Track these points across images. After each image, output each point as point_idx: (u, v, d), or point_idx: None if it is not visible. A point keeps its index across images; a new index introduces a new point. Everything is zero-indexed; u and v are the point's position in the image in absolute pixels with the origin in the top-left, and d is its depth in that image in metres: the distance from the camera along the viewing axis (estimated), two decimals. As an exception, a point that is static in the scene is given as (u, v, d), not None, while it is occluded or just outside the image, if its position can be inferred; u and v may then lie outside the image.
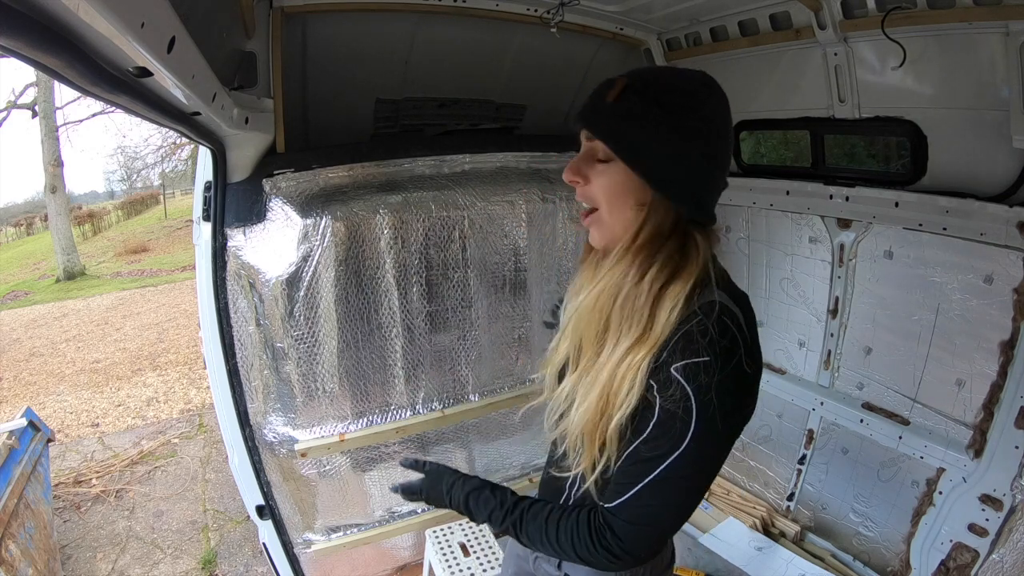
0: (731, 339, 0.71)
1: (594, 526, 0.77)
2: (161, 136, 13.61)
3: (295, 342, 1.74)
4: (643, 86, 0.74)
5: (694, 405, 0.69)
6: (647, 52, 2.23)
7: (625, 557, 0.76)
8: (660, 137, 0.73)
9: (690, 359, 0.69)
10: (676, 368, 0.70)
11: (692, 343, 0.70)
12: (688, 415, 0.69)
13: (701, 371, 0.69)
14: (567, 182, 0.81)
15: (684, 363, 0.69)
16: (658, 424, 0.71)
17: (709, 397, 0.69)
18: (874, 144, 2.21)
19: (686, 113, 0.73)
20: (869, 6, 1.55)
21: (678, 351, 0.70)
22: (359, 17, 1.72)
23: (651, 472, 0.72)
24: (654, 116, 0.72)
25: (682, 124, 0.73)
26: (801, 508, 2.23)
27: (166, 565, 2.67)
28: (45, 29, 0.57)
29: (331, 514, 1.97)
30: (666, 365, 0.70)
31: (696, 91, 0.75)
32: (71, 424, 4.25)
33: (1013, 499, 1.58)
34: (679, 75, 0.77)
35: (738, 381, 0.72)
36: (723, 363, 0.69)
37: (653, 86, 0.75)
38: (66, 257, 10.09)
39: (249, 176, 1.61)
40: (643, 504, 0.73)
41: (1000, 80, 1.42)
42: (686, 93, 0.74)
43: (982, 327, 1.62)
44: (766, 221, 2.21)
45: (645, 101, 0.73)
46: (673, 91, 0.74)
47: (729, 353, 0.70)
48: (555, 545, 0.80)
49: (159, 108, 0.95)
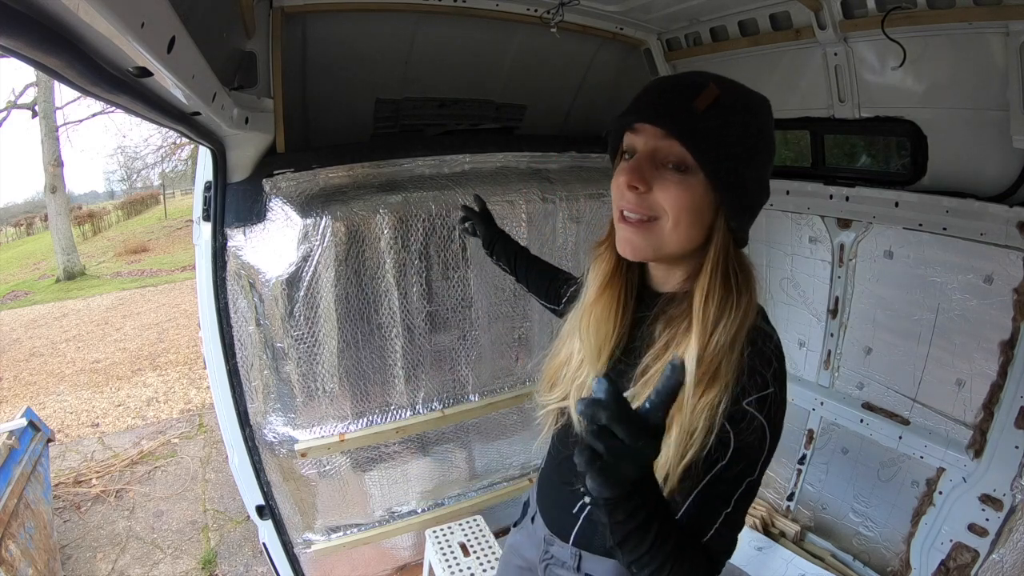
0: (779, 362, 0.72)
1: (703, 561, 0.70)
2: (161, 136, 13.63)
3: (295, 342, 1.74)
4: (733, 100, 0.71)
5: (767, 432, 0.70)
6: (647, 52, 2.23)
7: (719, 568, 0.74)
8: (749, 157, 0.71)
9: (759, 393, 0.70)
10: (749, 403, 0.70)
11: (757, 376, 0.70)
12: (762, 443, 0.71)
13: (769, 402, 0.70)
14: (626, 187, 0.73)
15: (756, 397, 0.70)
16: (735, 456, 0.71)
17: (777, 420, 0.72)
18: (874, 144, 2.21)
19: (765, 137, 0.73)
20: (869, 6, 1.55)
21: (747, 387, 0.70)
22: (359, 17, 1.72)
23: (730, 502, 0.72)
24: (747, 136, 0.71)
25: (766, 147, 0.73)
26: (801, 508, 2.23)
27: (166, 565, 2.67)
28: (45, 29, 0.57)
29: (331, 514, 1.97)
30: (737, 403, 0.70)
31: (766, 114, 0.74)
32: (71, 424, 4.25)
33: (1013, 499, 1.58)
34: (752, 94, 0.74)
35: (786, 397, 0.74)
36: (782, 389, 0.72)
37: (743, 102, 0.72)
38: (66, 257, 10.09)
39: (249, 176, 1.61)
40: (725, 533, 0.72)
41: (1000, 80, 1.42)
42: (762, 114, 0.73)
43: (982, 327, 1.62)
44: (766, 221, 2.21)
45: (738, 117, 0.70)
46: (759, 112, 0.73)
47: (782, 379, 0.72)
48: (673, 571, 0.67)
49: (159, 108, 0.95)
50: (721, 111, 0.69)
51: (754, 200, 0.75)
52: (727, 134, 0.69)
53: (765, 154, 0.74)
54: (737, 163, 0.70)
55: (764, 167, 0.74)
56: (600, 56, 2.16)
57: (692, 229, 0.72)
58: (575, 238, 2.11)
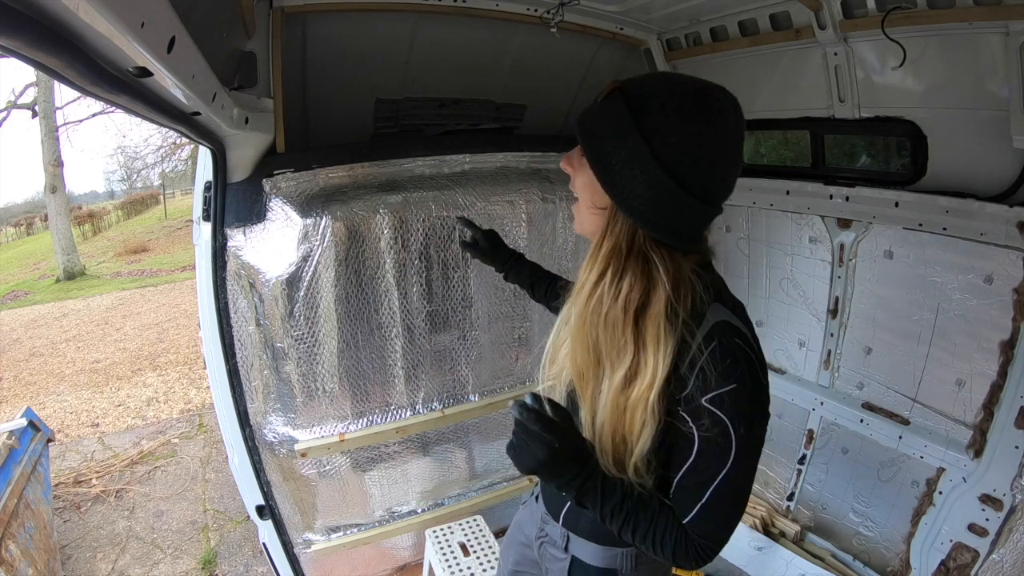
0: (746, 359, 0.72)
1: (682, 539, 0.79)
2: (161, 136, 13.62)
3: (295, 342, 1.74)
4: (633, 92, 0.71)
5: (731, 428, 0.71)
6: (647, 52, 2.23)
7: (707, 559, 0.80)
8: (628, 148, 0.70)
9: (716, 391, 0.71)
10: (706, 401, 0.71)
11: (713, 374, 0.71)
12: (727, 439, 0.72)
13: (728, 398, 0.71)
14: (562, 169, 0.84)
15: (713, 395, 0.71)
16: (700, 452, 0.74)
17: (740, 418, 0.72)
18: (874, 144, 2.22)
19: (668, 132, 0.69)
20: (869, 6, 1.55)
21: (702, 385, 0.71)
22: (359, 17, 1.72)
23: (705, 493, 0.75)
24: (626, 123, 0.70)
25: (654, 138, 0.69)
26: (801, 508, 2.23)
27: (166, 565, 2.67)
28: (45, 29, 0.57)
29: (331, 514, 1.97)
30: (694, 399, 0.72)
31: (680, 104, 0.69)
32: (71, 424, 4.25)
33: (1013, 499, 1.58)
34: (677, 91, 0.70)
35: (759, 393, 0.75)
36: (745, 385, 0.72)
37: (641, 95, 0.71)
38: (66, 257, 10.09)
39: (249, 176, 1.61)
40: (711, 516, 0.77)
41: (1000, 80, 1.42)
42: (670, 110, 0.69)
43: (982, 327, 1.62)
44: (766, 221, 2.21)
45: (628, 108, 0.70)
46: (657, 101, 0.70)
47: (748, 374, 0.72)
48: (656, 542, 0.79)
49: (159, 108, 0.95)
50: (615, 99, 0.72)
51: (642, 194, 0.71)
52: (608, 120, 0.72)
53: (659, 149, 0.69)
54: (616, 150, 0.71)
55: (656, 161, 0.69)
56: (600, 56, 2.16)
57: (592, 211, 0.78)
58: (575, 238, 2.11)
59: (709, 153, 0.70)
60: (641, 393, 0.74)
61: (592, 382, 0.81)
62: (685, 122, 0.69)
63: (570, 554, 0.99)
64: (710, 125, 0.69)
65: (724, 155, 0.72)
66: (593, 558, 0.96)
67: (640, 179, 0.70)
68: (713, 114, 0.69)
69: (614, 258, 0.75)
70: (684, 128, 0.68)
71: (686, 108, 0.69)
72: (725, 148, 0.71)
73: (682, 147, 0.69)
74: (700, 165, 0.70)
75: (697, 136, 0.69)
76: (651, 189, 0.70)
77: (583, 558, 0.97)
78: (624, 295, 0.74)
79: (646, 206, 0.71)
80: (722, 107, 0.70)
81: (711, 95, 0.70)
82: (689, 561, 0.79)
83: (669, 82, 0.73)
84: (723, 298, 0.78)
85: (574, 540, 0.98)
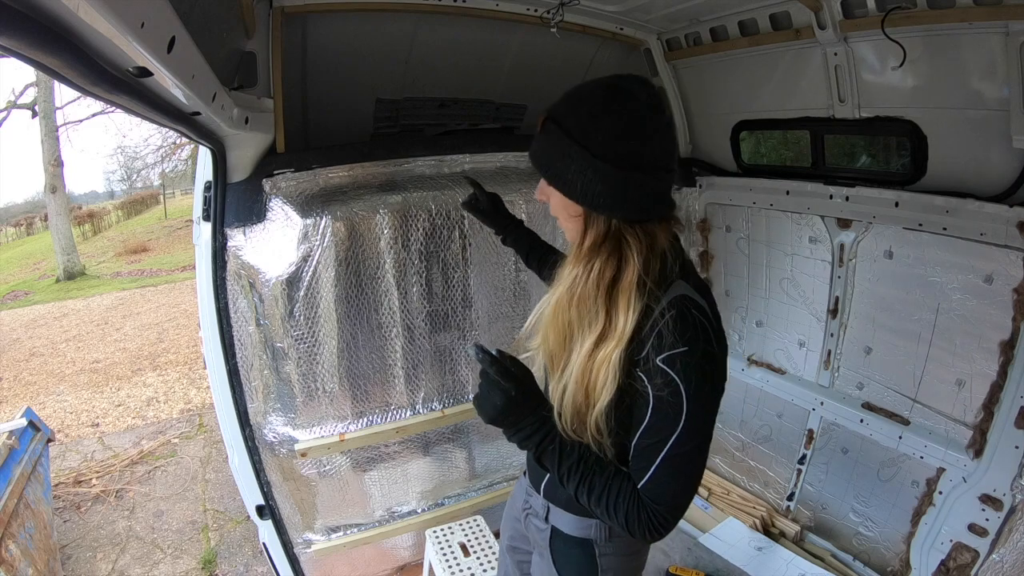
0: (701, 328, 0.80)
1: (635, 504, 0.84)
2: (161, 136, 13.60)
3: (295, 342, 1.74)
4: (559, 115, 0.83)
5: (682, 388, 0.78)
6: (647, 52, 2.23)
7: (659, 531, 0.84)
8: (574, 160, 0.81)
9: (670, 351, 0.78)
10: (660, 360, 0.79)
11: (669, 336, 0.79)
12: (678, 398, 0.78)
13: (679, 359, 0.78)
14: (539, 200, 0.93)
15: (666, 355, 0.79)
16: (654, 411, 0.81)
17: (692, 379, 0.78)
18: (874, 144, 2.22)
19: (581, 130, 0.80)
20: (869, 6, 1.55)
21: (658, 346, 0.79)
22: (359, 17, 1.72)
23: (658, 455, 0.81)
24: (564, 142, 0.81)
25: (588, 143, 0.80)
26: (801, 508, 2.23)
27: (166, 565, 2.67)
28: (45, 29, 0.57)
29: (331, 514, 1.97)
30: (650, 359, 0.80)
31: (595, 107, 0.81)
32: (71, 424, 4.25)
33: (1013, 499, 1.58)
34: (585, 96, 0.83)
35: (711, 361, 0.81)
36: (696, 347, 0.79)
37: (565, 114, 0.83)
38: (66, 257, 10.09)
39: (249, 176, 1.61)
40: (663, 482, 0.82)
41: (1000, 80, 1.42)
42: (579, 109, 0.82)
43: (982, 327, 1.62)
44: (766, 221, 2.21)
45: (559, 130, 0.82)
46: (578, 114, 0.81)
47: (701, 340, 0.80)
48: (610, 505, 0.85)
49: (159, 108, 0.95)
50: (548, 129, 0.84)
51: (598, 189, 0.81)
52: (549, 146, 0.84)
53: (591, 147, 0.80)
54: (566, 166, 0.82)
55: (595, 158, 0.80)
56: (600, 56, 2.16)
57: (570, 222, 0.88)
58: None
59: (634, 132, 0.80)
60: (608, 352, 0.82)
61: (564, 358, 0.89)
62: (604, 118, 0.80)
63: (550, 524, 1.06)
64: (624, 110, 0.80)
65: (647, 128, 0.81)
66: (570, 528, 1.03)
67: (593, 179, 0.80)
68: (622, 100, 0.81)
69: (593, 249, 0.84)
70: (606, 123, 0.80)
71: (601, 107, 0.81)
72: (645, 122, 0.81)
73: (612, 138, 0.80)
74: (632, 144, 0.80)
75: (618, 124, 0.80)
76: (605, 183, 0.80)
77: (562, 528, 1.04)
78: (597, 272, 0.83)
79: (608, 198, 0.81)
80: (629, 91, 0.81)
81: (616, 87, 0.82)
82: (642, 529, 0.83)
83: (581, 92, 0.84)
84: (689, 277, 0.87)
85: (554, 511, 1.05)
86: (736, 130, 2.22)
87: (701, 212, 2.44)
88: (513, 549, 1.26)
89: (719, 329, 0.84)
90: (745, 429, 2.44)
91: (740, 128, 2.21)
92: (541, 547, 1.10)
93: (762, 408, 2.36)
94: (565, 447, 0.86)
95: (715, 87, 2.17)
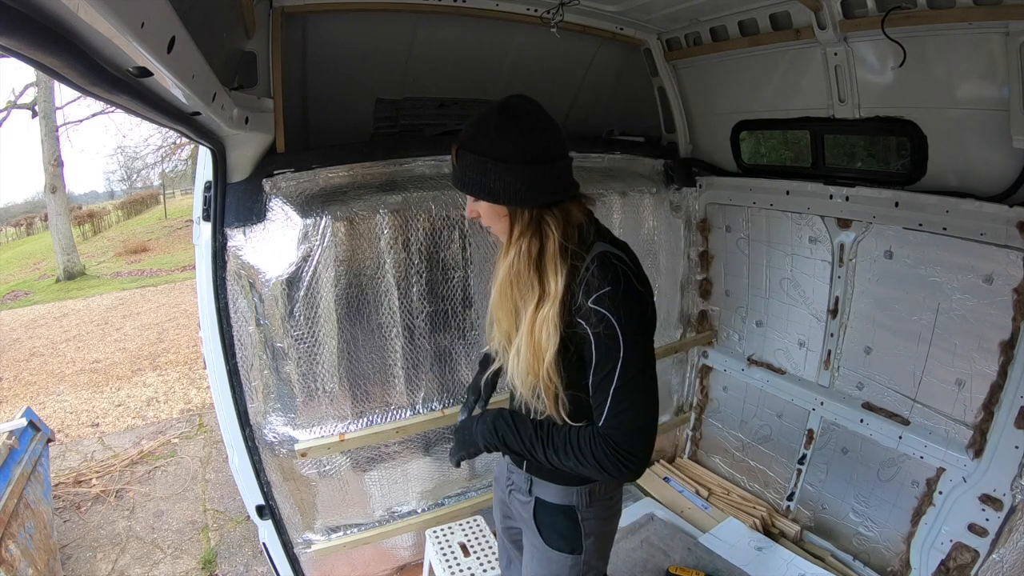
0: (621, 272, 0.96)
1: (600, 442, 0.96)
2: (161, 136, 13.60)
3: (295, 342, 1.74)
4: (467, 141, 0.99)
5: (614, 321, 0.93)
6: (647, 52, 2.23)
7: (630, 460, 0.96)
8: (494, 172, 0.97)
9: (597, 292, 0.94)
10: (591, 303, 0.94)
11: (594, 282, 0.94)
12: (612, 329, 0.93)
13: (606, 297, 0.94)
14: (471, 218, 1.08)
15: (595, 296, 0.94)
16: (599, 347, 0.95)
17: (620, 312, 0.93)
18: (874, 144, 2.22)
19: (492, 147, 0.97)
20: (869, 6, 1.55)
21: (587, 292, 0.95)
22: (359, 17, 1.72)
23: (612, 383, 0.95)
24: (480, 160, 0.98)
25: (501, 154, 0.96)
26: (801, 508, 2.23)
27: (166, 565, 2.67)
28: (45, 29, 0.57)
29: (331, 514, 1.97)
30: (583, 305, 0.95)
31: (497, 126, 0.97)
32: (71, 424, 4.25)
33: (1013, 499, 1.58)
34: (486, 121, 0.98)
35: (635, 295, 0.97)
36: (619, 286, 0.94)
37: (473, 138, 0.99)
38: (66, 257, 10.09)
39: (249, 176, 1.61)
40: (620, 410, 0.95)
41: (1000, 80, 1.42)
42: (485, 132, 0.98)
43: (982, 327, 1.62)
44: (766, 221, 2.21)
45: (473, 153, 0.98)
46: (486, 135, 0.97)
47: (622, 280, 0.95)
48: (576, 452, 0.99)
49: (159, 108, 0.95)
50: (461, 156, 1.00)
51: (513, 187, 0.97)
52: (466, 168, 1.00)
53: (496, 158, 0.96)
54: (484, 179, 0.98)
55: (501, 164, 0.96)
56: (600, 56, 2.16)
57: (499, 223, 1.04)
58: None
59: (533, 135, 0.98)
60: (546, 312, 0.97)
61: (515, 330, 1.04)
62: (507, 131, 0.97)
63: (534, 496, 1.17)
64: (520, 120, 0.98)
65: (535, 128, 0.99)
66: (553, 496, 1.14)
67: (512, 180, 0.97)
68: (516, 114, 0.98)
69: (520, 237, 1.00)
70: (506, 134, 0.97)
71: (502, 124, 0.97)
72: (532, 124, 0.99)
73: (518, 144, 0.97)
74: (534, 144, 0.98)
75: (519, 132, 0.97)
76: (522, 180, 0.97)
77: (545, 498, 1.15)
78: (526, 251, 0.99)
79: (528, 191, 0.98)
80: (518, 105, 0.99)
81: (507, 105, 0.99)
82: (616, 463, 0.95)
83: (482, 120, 0.99)
84: (607, 239, 1.04)
85: (536, 483, 1.16)
86: (736, 130, 2.23)
87: (701, 212, 2.45)
88: (507, 530, 1.35)
89: (639, 272, 1.01)
90: (745, 429, 2.44)
91: (740, 128, 2.21)
92: (526, 520, 1.20)
93: (762, 408, 2.36)
94: (518, 419, 1.07)
95: (715, 87, 2.17)
